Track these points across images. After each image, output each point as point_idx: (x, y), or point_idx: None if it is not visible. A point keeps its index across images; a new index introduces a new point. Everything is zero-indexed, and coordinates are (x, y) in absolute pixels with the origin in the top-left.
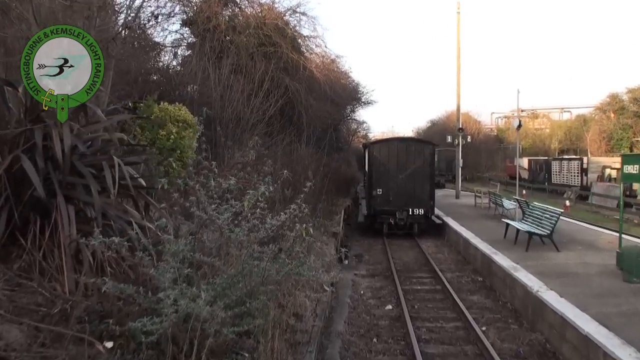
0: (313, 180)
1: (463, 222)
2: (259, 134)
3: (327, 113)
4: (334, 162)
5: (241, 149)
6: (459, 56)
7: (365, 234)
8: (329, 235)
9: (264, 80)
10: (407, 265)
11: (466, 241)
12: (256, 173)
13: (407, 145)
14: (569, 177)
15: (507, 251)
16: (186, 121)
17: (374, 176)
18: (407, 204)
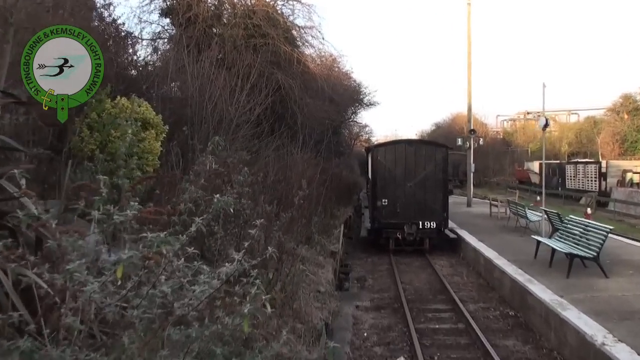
0: (307, 190)
1: (481, 236)
2: (245, 135)
3: (326, 113)
4: (334, 168)
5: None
6: (469, 51)
7: (368, 250)
8: (327, 255)
9: (251, 74)
10: (419, 292)
11: (488, 262)
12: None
13: (416, 149)
14: (585, 182)
15: (542, 277)
16: (147, 120)
17: (378, 184)
18: (417, 216)
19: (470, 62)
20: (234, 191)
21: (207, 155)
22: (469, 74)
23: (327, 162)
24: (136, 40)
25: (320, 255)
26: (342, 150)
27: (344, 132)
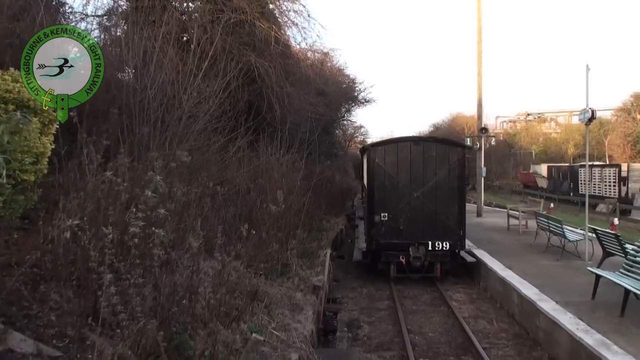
0: (283, 205)
1: (506, 259)
2: (202, 131)
3: (313, 107)
4: (326, 171)
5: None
6: (479, 38)
7: (363, 275)
8: (307, 291)
9: (215, 54)
10: (433, 347)
11: (527, 303)
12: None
13: (424, 148)
14: (602, 187)
15: (620, 336)
16: (24, 103)
17: (376, 194)
18: (426, 235)
19: (480, 50)
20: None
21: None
22: (479, 63)
23: (317, 165)
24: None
25: (299, 290)
26: (335, 152)
27: (337, 132)
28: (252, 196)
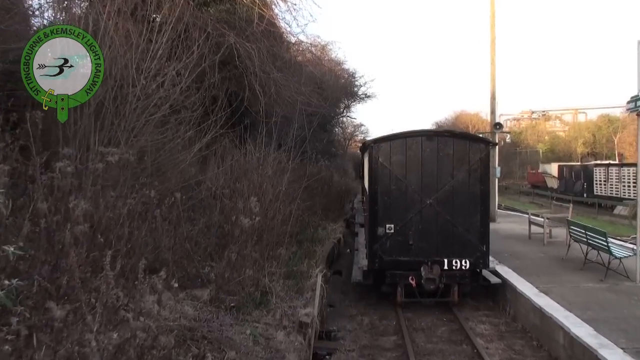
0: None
1: (537, 279)
2: (162, 123)
3: (306, 97)
4: (324, 171)
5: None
6: (492, 24)
7: (365, 296)
8: (292, 329)
9: (179, 28)
10: None
11: (583, 349)
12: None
13: (439, 145)
14: (619, 188)
15: None
16: None
17: (379, 201)
18: (441, 251)
19: (493, 37)
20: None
21: None
22: (492, 51)
23: (312, 165)
24: None
25: (282, 328)
26: (334, 151)
27: (336, 130)
28: (228, 205)
